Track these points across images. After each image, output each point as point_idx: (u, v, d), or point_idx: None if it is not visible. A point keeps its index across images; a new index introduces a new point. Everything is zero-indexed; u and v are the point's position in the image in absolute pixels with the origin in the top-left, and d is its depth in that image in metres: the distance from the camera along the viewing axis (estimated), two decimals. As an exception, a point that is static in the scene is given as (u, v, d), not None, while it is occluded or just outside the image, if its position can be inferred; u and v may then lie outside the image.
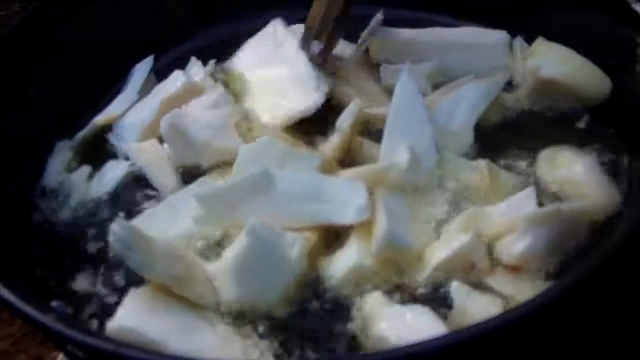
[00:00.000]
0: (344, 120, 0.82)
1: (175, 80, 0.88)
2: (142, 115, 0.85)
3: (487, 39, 0.94)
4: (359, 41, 0.89)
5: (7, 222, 0.77)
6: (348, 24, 0.88)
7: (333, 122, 0.84)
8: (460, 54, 0.91)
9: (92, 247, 0.77)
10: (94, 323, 0.70)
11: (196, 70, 0.91)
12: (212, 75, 0.92)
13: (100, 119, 0.87)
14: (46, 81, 0.87)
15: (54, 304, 0.71)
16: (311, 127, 0.85)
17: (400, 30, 0.92)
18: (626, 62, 0.83)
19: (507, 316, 0.59)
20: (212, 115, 0.79)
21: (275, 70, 0.92)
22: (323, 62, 0.85)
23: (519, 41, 0.92)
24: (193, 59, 0.92)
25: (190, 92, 0.87)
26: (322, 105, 0.86)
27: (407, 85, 0.79)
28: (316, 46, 0.85)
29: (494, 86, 0.87)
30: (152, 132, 0.84)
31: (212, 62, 0.93)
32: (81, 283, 0.74)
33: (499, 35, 0.93)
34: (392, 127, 0.77)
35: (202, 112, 0.79)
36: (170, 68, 0.92)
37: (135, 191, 0.81)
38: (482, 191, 0.75)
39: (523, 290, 0.66)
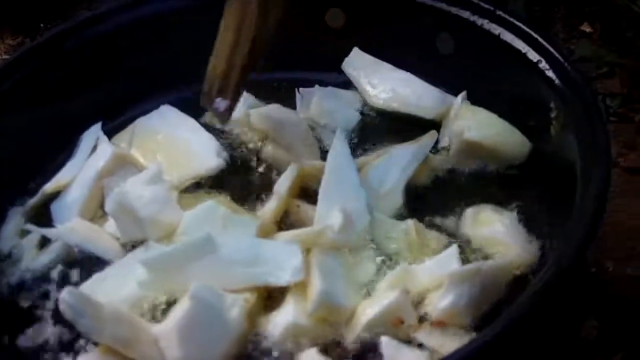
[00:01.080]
0: (281, 185, 0.88)
1: (104, 152, 0.94)
2: (77, 193, 0.91)
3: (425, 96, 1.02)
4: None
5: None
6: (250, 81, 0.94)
7: (271, 186, 0.90)
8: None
9: (40, 310, 0.82)
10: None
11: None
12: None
13: (49, 186, 0.92)
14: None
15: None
16: (251, 190, 0.91)
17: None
18: (543, 125, 0.90)
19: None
20: (153, 190, 0.84)
21: (181, 133, 1.00)
22: (228, 118, 0.90)
23: (460, 100, 1.00)
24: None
25: (120, 160, 0.93)
26: (261, 169, 0.94)
27: (339, 149, 0.87)
28: (221, 103, 0.89)
29: (423, 149, 0.94)
30: (89, 208, 0.90)
31: (130, 126, 1.00)
32: (27, 341, 0.79)
33: (435, 94, 1.02)
34: (326, 190, 0.84)
35: (143, 188, 0.84)
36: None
37: (83, 255, 0.86)
38: (410, 250, 0.81)
39: (448, 344, 0.72)
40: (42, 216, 0.93)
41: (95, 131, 1.00)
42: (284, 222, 0.88)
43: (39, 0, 1.67)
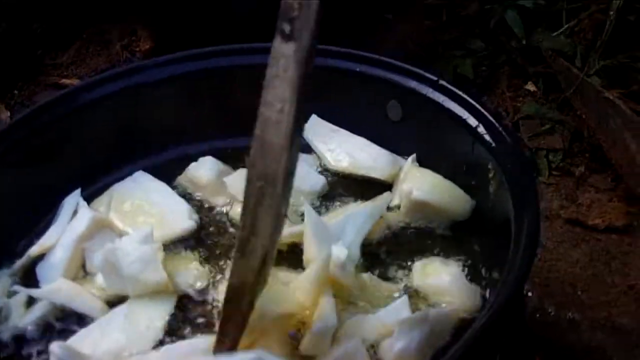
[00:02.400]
0: None
1: (84, 216, 0.99)
2: (60, 255, 0.97)
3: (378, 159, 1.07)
4: None
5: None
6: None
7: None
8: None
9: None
10: None
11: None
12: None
13: (34, 249, 0.97)
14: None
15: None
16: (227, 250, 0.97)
17: None
18: (483, 184, 0.96)
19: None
20: (142, 250, 0.90)
21: (154, 198, 1.04)
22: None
23: (410, 162, 1.05)
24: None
25: (99, 224, 0.99)
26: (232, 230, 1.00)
27: (313, 219, 0.94)
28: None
29: (378, 209, 0.99)
30: (72, 268, 0.96)
31: (107, 192, 1.05)
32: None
33: (387, 157, 1.07)
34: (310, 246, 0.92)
35: (134, 247, 0.90)
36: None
37: (67, 313, 0.92)
38: (366, 300, 0.88)
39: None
40: (28, 277, 0.97)
41: (75, 197, 1.04)
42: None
43: (10, 68, 1.75)
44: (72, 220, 1.01)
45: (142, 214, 1.02)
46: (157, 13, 1.14)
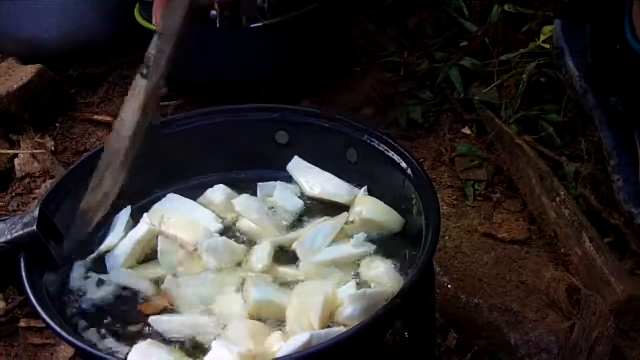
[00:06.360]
0: (260, 261, 1.17)
1: (143, 226, 1.23)
2: (121, 251, 1.21)
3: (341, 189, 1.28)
4: None
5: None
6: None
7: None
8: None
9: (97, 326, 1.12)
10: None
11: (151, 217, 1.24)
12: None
13: (103, 247, 1.22)
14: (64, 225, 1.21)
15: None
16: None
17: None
18: (409, 208, 1.18)
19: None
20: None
21: (186, 211, 1.27)
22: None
23: (362, 192, 1.25)
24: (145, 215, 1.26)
25: (152, 232, 1.23)
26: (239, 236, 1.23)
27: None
28: None
29: (339, 223, 1.20)
30: (130, 261, 1.20)
31: (156, 207, 1.28)
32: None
33: (347, 187, 1.28)
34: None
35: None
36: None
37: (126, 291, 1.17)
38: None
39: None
40: (99, 266, 1.20)
41: (126, 212, 1.26)
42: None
43: (51, 105, 1.95)
44: (133, 229, 1.23)
45: (183, 222, 1.24)
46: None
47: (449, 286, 1.39)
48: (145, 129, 1.20)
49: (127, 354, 1.04)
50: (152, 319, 1.10)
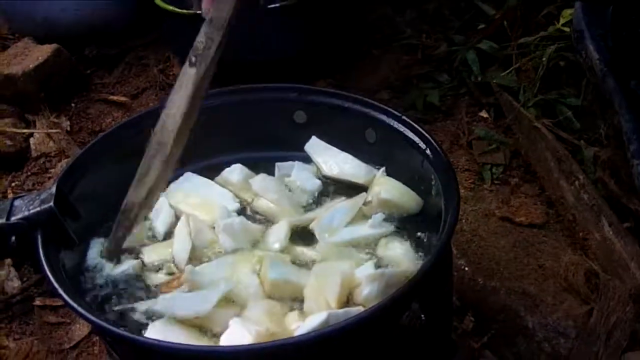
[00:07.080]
0: (277, 241, 1.16)
1: (164, 205, 1.24)
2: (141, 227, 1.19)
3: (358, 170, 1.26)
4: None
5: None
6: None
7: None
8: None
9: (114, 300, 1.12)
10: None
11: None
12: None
13: None
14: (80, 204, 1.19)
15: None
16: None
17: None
18: (428, 189, 1.17)
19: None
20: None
21: (204, 190, 1.26)
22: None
23: (380, 172, 1.23)
24: None
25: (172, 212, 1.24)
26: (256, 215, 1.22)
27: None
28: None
29: (357, 203, 1.19)
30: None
31: (173, 186, 1.26)
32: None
33: (365, 168, 1.26)
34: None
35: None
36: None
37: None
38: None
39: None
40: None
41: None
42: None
43: (67, 85, 1.98)
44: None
45: (201, 201, 1.23)
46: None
47: (466, 269, 1.40)
48: (192, 121, 1.13)
49: (143, 331, 1.04)
50: (168, 297, 1.08)
